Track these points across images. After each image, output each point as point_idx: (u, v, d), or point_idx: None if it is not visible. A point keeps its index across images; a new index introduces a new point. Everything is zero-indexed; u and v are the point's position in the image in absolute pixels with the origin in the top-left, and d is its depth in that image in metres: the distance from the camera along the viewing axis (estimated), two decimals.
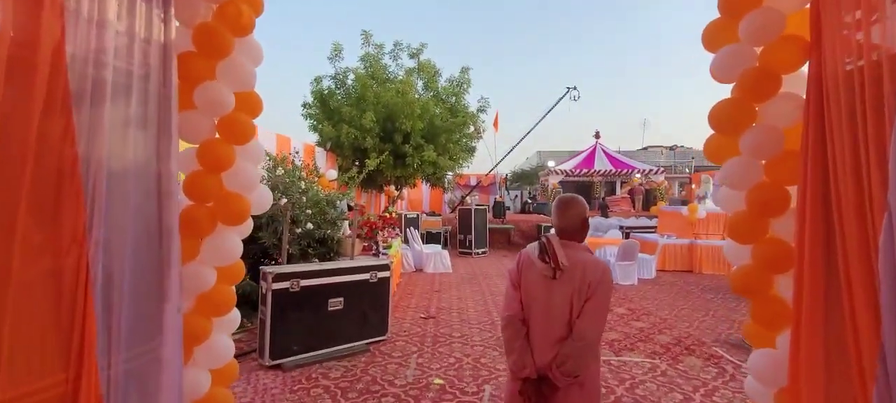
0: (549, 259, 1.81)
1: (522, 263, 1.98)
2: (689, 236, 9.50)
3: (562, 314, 1.80)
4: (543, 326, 1.84)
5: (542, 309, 1.85)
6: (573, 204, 1.95)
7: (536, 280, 1.88)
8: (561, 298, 1.80)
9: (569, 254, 1.81)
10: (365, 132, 11.86)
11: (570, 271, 1.78)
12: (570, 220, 1.92)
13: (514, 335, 1.89)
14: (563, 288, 1.80)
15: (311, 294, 4.01)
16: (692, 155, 29.13)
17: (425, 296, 6.76)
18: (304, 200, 4.98)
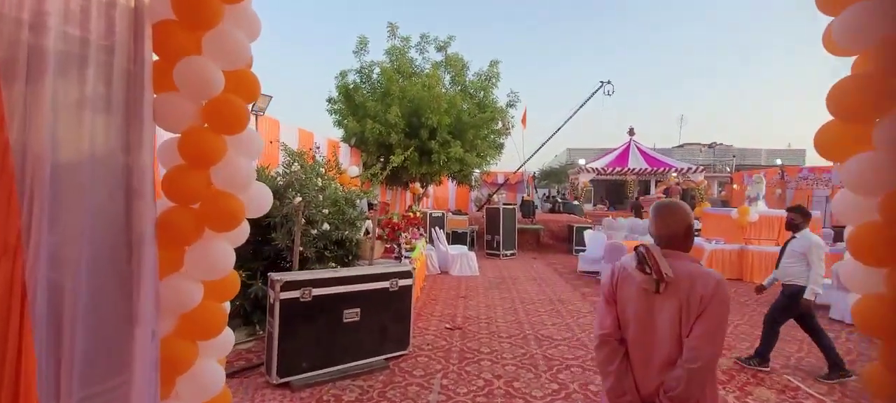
0: (651, 270, 1.62)
1: (617, 276, 1.80)
2: (739, 241, 8.69)
3: (668, 332, 1.61)
4: (645, 346, 1.66)
5: (643, 327, 1.67)
6: (676, 210, 1.77)
7: (635, 294, 1.70)
8: (666, 315, 1.61)
9: (673, 265, 1.62)
10: (390, 127, 11.51)
11: (675, 283, 1.59)
12: (672, 227, 1.73)
13: (609, 356, 1.72)
14: (668, 303, 1.61)
15: (325, 304, 3.62)
16: (732, 153, 27.60)
17: (451, 303, 6.31)
18: (320, 199, 4.60)
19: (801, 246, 4.08)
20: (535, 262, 10.40)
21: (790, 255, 4.16)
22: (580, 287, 7.58)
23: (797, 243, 4.14)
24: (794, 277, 4.09)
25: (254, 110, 7.81)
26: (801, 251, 4.06)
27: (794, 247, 4.15)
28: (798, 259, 4.08)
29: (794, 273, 4.10)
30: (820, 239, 4.14)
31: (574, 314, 5.84)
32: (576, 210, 17.67)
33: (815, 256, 3.97)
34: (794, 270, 4.11)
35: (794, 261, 4.12)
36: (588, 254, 8.92)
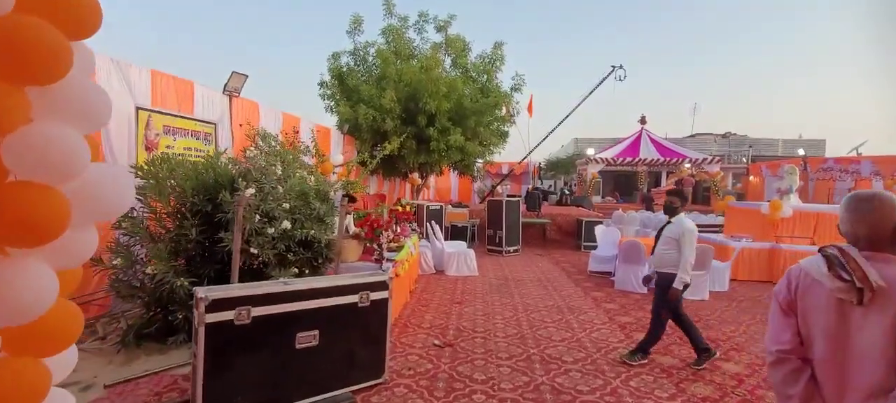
0: (852, 276, 1.30)
1: (798, 282, 1.50)
2: (769, 239, 7.80)
3: (875, 354, 1.29)
4: (840, 369, 1.36)
5: (838, 346, 1.37)
6: (882, 202, 1.39)
7: (826, 304, 1.40)
8: (872, 332, 1.30)
9: (883, 271, 1.29)
10: (385, 113, 10.66)
11: (886, 294, 1.27)
12: (878, 224, 1.37)
13: (790, 377, 1.45)
14: (875, 319, 1.30)
15: (270, 326, 2.82)
16: (748, 143, 26.46)
17: (443, 310, 5.51)
18: (280, 190, 3.78)
19: (674, 232, 3.93)
20: (540, 260, 9.56)
21: (665, 242, 3.99)
22: (591, 290, 6.74)
23: (672, 228, 3.98)
24: (668, 265, 3.91)
25: (227, 91, 7.00)
26: (674, 236, 3.90)
27: (668, 233, 3.99)
28: (672, 245, 3.92)
29: (668, 260, 3.92)
30: (693, 225, 3.91)
31: (586, 325, 5.01)
32: (584, 203, 16.75)
33: (686, 242, 3.80)
34: (668, 257, 3.93)
35: (668, 248, 3.95)
36: (599, 253, 8.07)
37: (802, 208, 7.90)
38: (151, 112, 5.52)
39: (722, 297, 6.49)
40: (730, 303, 6.19)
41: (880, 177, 15.63)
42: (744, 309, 5.95)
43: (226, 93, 6.94)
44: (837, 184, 17.93)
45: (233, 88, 6.95)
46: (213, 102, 6.71)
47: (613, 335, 4.71)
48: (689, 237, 3.79)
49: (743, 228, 8.30)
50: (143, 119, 5.42)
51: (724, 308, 5.95)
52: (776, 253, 7.63)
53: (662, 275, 3.95)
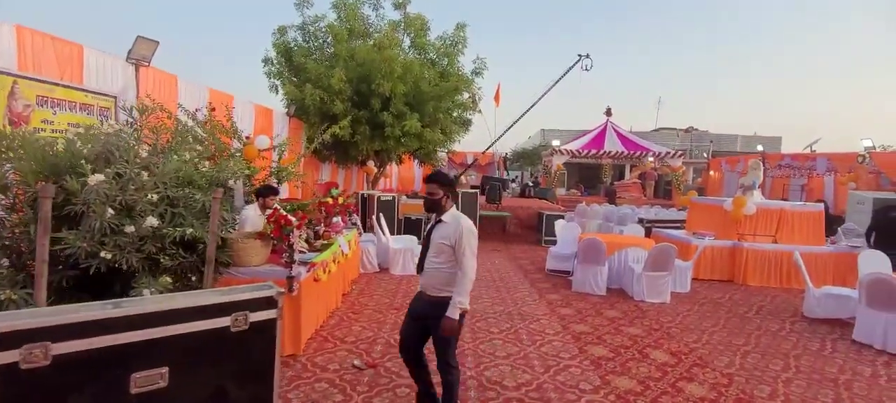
0: None
1: None
2: (732, 236, 7.48)
3: None
4: None
5: None
6: None
7: None
8: None
9: None
10: (333, 94, 9.74)
11: None
12: None
13: None
14: None
15: (84, 367, 2.01)
16: (709, 138, 26.90)
17: (377, 318, 4.80)
18: (144, 178, 2.94)
19: (447, 235, 2.58)
20: (497, 256, 8.99)
21: (436, 250, 2.64)
22: (547, 293, 6.18)
23: (443, 231, 2.62)
24: (440, 285, 2.62)
25: (131, 59, 5.97)
26: (447, 242, 2.57)
27: (439, 237, 2.63)
28: (445, 255, 2.60)
29: (440, 278, 2.62)
30: (472, 225, 2.64)
31: (536, 337, 4.42)
32: (548, 195, 16.37)
33: (465, 248, 2.53)
34: (440, 274, 2.62)
35: (440, 260, 2.62)
36: (558, 250, 7.55)
37: (766, 205, 7.61)
38: (17, 77, 4.50)
39: (684, 299, 6.07)
40: (692, 307, 5.76)
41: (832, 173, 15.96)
42: (706, 313, 5.52)
43: (131, 62, 5.90)
44: (792, 181, 18.29)
45: (140, 56, 5.93)
46: (112, 71, 5.68)
47: (565, 348, 4.13)
48: (468, 241, 2.55)
49: (705, 225, 7.97)
50: (4, 86, 4.40)
51: (686, 312, 5.50)
52: (738, 251, 7.32)
53: (433, 303, 2.63)
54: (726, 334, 4.77)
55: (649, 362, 3.92)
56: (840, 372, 3.90)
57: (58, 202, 3.04)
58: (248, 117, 8.78)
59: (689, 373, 3.73)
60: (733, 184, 20.05)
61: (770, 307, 5.94)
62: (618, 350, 4.15)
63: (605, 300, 5.85)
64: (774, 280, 7.16)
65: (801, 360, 4.13)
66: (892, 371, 3.98)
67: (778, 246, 7.29)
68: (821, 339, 4.74)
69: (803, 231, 7.46)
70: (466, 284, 2.53)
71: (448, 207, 2.68)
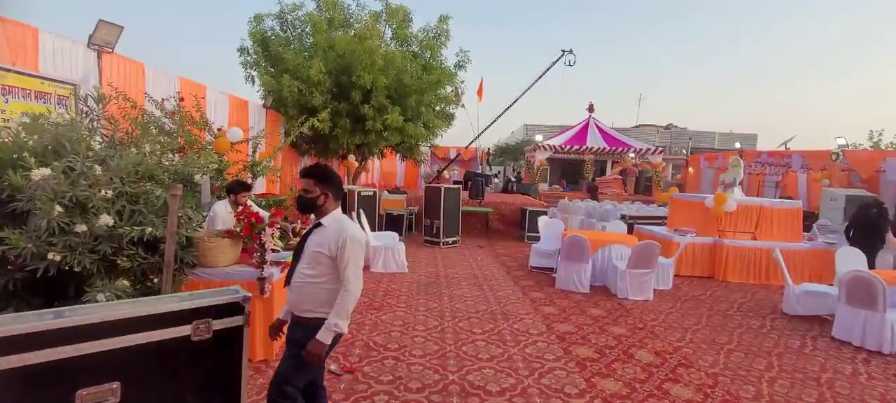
0: None
1: None
2: (713, 233, 7.52)
3: None
4: None
5: None
6: None
7: None
8: None
9: None
10: (312, 86, 9.45)
11: None
12: None
13: None
14: None
15: (24, 384, 1.80)
16: (688, 135, 27.34)
17: (355, 319, 4.62)
18: (97, 172, 2.69)
19: (326, 243, 2.09)
20: (480, 253, 8.87)
21: (310, 261, 2.14)
22: (530, 290, 6.09)
23: (321, 236, 2.12)
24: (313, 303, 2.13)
25: (93, 45, 5.61)
26: (326, 251, 2.09)
27: (315, 245, 2.13)
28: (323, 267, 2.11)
29: (314, 295, 2.13)
30: (358, 230, 2.18)
31: (520, 337, 4.31)
32: (530, 191, 16.34)
33: (350, 259, 2.06)
34: (315, 290, 2.13)
35: (314, 272, 2.12)
36: (541, 246, 7.47)
37: (745, 202, 7.68)
38: None
39: (666, 297, 6.06)
40: (675, 304, 5.75)
41: (805, 171, 16.35)
42: (688, 310, 5.51)
43: (92, 48, 5.55)
44: (767, 177, 18.70)
45: (102, 41, 5.57)
46: (71, 57, 5.32)
47: (549, 350, 4.02)
48: (353, 251, 2.07)
49: (686, 221, 8.01)
50: None
51: (669, 309, 5.48)
52: (718, 248, 7.37)
53: (302, 325, 2.15)
54: (709, 332, 4.75)
55: (634, 363, 3.85)
56: (822, 371, 3.90)
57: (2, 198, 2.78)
58: (222, 109, 8.44)
59: (675, 374, 3.66)
60: (711, 180, 20.43)
61: (750, 304, 5.98)
62: (603, 350, 4.07)
63: (588, 298, 5.79)
64: (754, 276, 7.23)
65: (784, 359, 4.13)
66: (871, 369, 4.00)
67: (757, 242, 7.37)
68: (801, 336, 4.76)
69: (782, 227, 7.55)
70: (348, 303, 2.06)
71: (329, 208, 2.18)
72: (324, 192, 2.18)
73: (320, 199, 2.18)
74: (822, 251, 7.40)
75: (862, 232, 6.85)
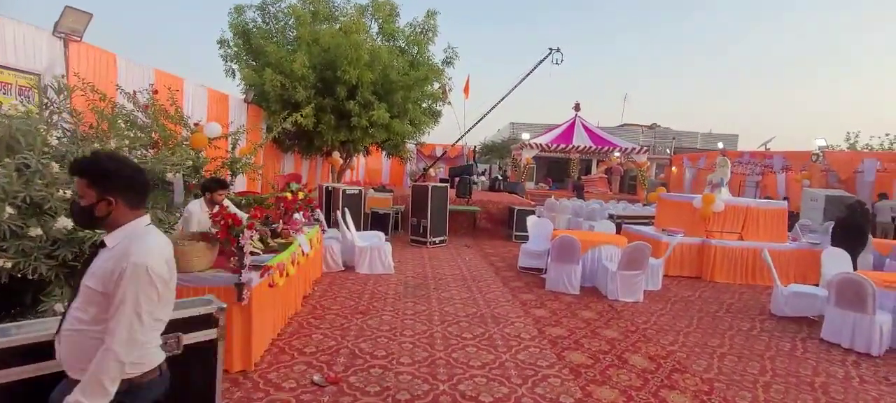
0: None
1: None
2: (700, 233, 7.52)
3: None
4: None
5: None
6: None
7: None
8: None
9: None
10: (296, 80, 9.17)
11: None
12: None
13: None
14: None
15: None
16: (672, 135, 27.66)
17: (339, 324, 4.42)
18: (55, 169, 2.45)
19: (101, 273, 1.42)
20: (467, 252, 8.73)
21: (83, 298, 1.45)
22: (520, 292, 5.97)
23: (101, 261, 1.46)
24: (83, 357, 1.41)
25: (59, 32, 5.27)
26: (99, 285, 1.41)
27: (90, 275, 1.46)
28: (95, 306, 1.43)
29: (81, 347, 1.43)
30: (157, 256, 1.46)
31: (512, 342, 4.18)
32: (517, 189, 16.28)
33: (127, 299, 1.37)
34: (82, 341, 1.44)
35: (89, 318, 1.43)
36: (530, 247, 7.36)
37: (732, 202, 7.70)
38: None
39: (656, 298, 6.01)
40: (665, 305, 5.70)
41: (785, 171, 16.64)
42: (678, 312, 5.46)
43: (58, 36, 5.21)
44: (748, 177, 18.99)
45: (69, 29, 5.24)
46: (35, 45, 4.99)
47: (543, 356, 3.90)
48: (134, 286, 1.38)
49: (674, 221, 8.00)
50: None
51: (660, 311, 5.42)
52: (706, 248, 7.37)
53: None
54: (701, 335, 4.69)
55: (629, 368, 3.75)
56: (815, 375, 3.86)
57: None
58: (200, 103, 8.12)
59: (670, 380, 3.57)
60: (692, 178, 20.68)
61: (739, 305, 5.97)
62: (596, 356, 3.97)
63: (579, 299, 5.70)
64: (741, 276, 7.25)
65: (776, 362, 4.08)
66: (862, 372, 3.98)
67: (744, 242, 7.39)
68: (791, 339, 4.73)
69: (768, 228, 7.59)
70: (106, 371, 1.34)
71: (119, 220, 1.48)
72: (104, 197, 1.45)
73: (99, 208, 1.46)
74: (806, 251, 7.46)
75: (847, 233, 6.91)
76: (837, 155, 16.67)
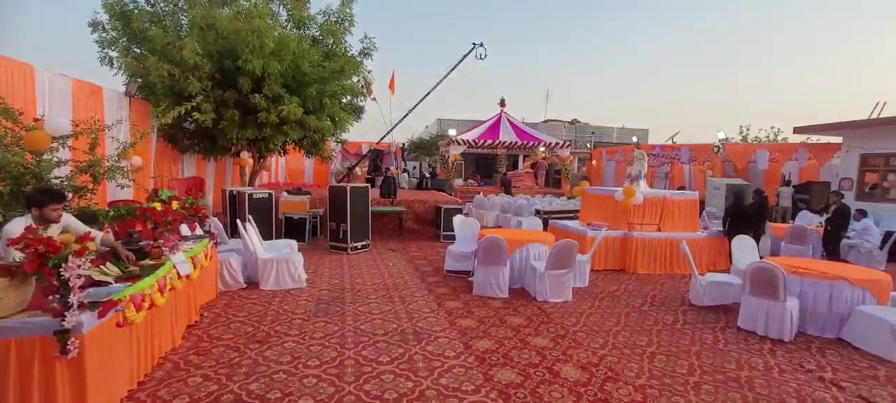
0: None
1: None
2: (622, 226, 7.59)
3: None
4: None
5: None
6: None
7: None
8: None
9: None
10: (187, 70, 7.99)
11: None
12: None
13: None
14: None
15: None
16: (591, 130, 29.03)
17: (228, 359, 3.67)
18: None
19: None
20: (393, 257, 8.16)
21: None
22: (446, 299, 5.53)
23: None
24: None
25: None
26: None
27: None
28: None
29: None
30: None
31: (434, 362, 3.70)
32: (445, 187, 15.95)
33: None
34: None
35: None
36: (457, 248, 6.97)
37: (650, 194, 7.87)
38: None
39: (585, 296, 5.87)
40: (593, 303, 5.56)
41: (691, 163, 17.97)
42: (606, 310, 5.33)
43: None
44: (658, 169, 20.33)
45: None
46: None
47: (468, 377, 3.46)
48: None
49: (597, 215, 8.04)
50: None
51: (589, 311, 5.25)
52: (628, 240, 7.45)
53: None
54: (630, 333, 4.54)
55: (561, 383, 3.43)
56: (738, 368, 3.81)
57: None
58: (61, 95, 6.72)
59: (603, 393, 3.30)
60: (612, 172, 21.77)
61: (661, 296, 6.01)
62: (526, 370, 3.61)
63: (508, 304, 5.38)
64: (660, 266, 7.43)
65: (702, 358, 4.00)
66: (779, 360, 4.01)
67: (662, 233, 7.57)
68: (712, 329, 4.76)
69: (682, 218, 7.86)
70: None
71: None
72: None
73: None
74: (716, 239, 7.83)
75: (735, 220, 7.32)
76: (735, 146, 18.29)
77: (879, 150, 11.39)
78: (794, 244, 8.61)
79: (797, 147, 15.06)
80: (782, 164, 15.08)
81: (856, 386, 3.54)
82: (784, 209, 12.38)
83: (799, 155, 14.48)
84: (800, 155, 14.45)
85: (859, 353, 4.24)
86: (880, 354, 4.14)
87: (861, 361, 4.07)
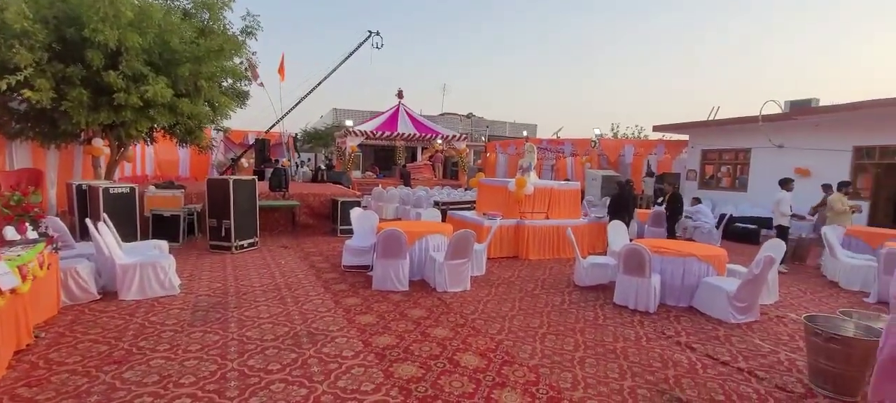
0: None
1: None
2: (515, 215, 8.01)
3: None
4: None
5: None
6: None
7: None
8: None
9: None
10: (11, 37, 6.51)
11: None
12: None
13: None
14: None
15: None
16: (486, 124, 30.29)
17: (73, 388, 3.04)
18: None
19: None
20: (285, 255, 7.61)
21: None
22: (344, 296, 5.30)
23: None
24: None
25: None
26: None
27: None
28: None
29: None
30: None
31: (332, 365, 3.49)
32: (343, 179, 15.39)
33: None
34: None
35: None
36: (355, 243, 6.72)
37: (539, 184, 8.42)
38: None
39: (482, 283, 6.07)
40: (490, 291, 5.76)
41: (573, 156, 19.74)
42: (502, 296, 5.57)
43: None
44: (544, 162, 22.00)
45: None
46: None
47: (368, 376, 3.32)
48: None
49: (492, 205, 8.38)
50: None
51: (486, 298, 5.43)
52: (521, 229, 7.88)
53: None
54: (524, 317, 4.79)
55: (461, 371, 3.46)
56: (615, 341, 4.23)
57: None
58: None
59: (501, 376, 3.41)
60: (504, 164, 22.99)
61: (550, 280, 6.46)
62: (427, 363, 3.58)
63: (408, 296, 5.33)
64: (549, 252, 7.99)
65: (586, 334, 4.37)
66: (646, 330, 4.54)
67: (550, 221, 8.15)
68: (593, 307, 5.23)
69: (567, 206, 8.55)
70: None
71: None
72: None
73: None
74: (595, 225, 8.66)
75: (618, 206, 8.24)
76: (608, 142, 20.48)
77: (715, 147, 13.64)
78: (655, 227, 9.90)
79: (656, 143, 17.40)
80: (644, 158, 17.31)
81: (703, 346, 4.15)
82: (648, 197, 14.21)
83: (657, 150, 16.75)
84: (658, 150, 16.72)
85: (705, 318, 4.99)
86: (721, 317, 4.91)
87: (707, 325, 4.79)
